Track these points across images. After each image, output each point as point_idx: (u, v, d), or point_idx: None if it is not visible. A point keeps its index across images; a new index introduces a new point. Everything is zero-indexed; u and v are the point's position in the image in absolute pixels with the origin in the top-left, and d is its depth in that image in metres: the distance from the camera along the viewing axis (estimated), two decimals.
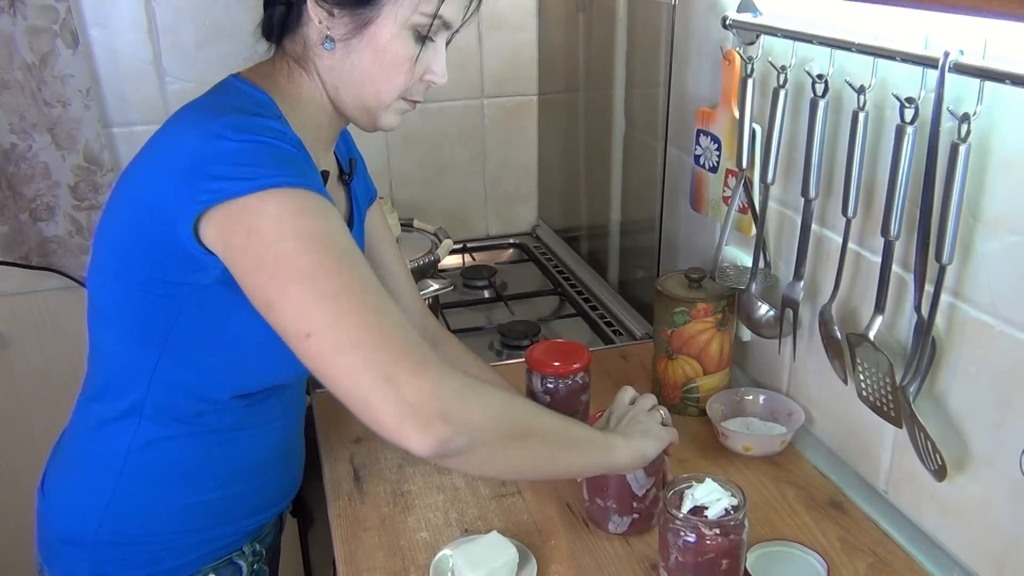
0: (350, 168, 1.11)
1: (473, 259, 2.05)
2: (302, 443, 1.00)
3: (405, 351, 0.76)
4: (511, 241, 2.16)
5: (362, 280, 0.80)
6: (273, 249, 0.78)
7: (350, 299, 0.77)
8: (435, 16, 0.89)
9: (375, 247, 1.19)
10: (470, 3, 0.93)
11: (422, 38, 0.91)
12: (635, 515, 1.03)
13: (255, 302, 0.80)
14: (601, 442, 0.95)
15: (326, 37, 0.90)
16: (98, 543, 0.98)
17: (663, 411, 1.06)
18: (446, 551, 0.99)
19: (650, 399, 1.08)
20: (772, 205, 1.20)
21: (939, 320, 0.92)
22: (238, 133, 0.81)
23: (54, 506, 1.02)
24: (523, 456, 0.86)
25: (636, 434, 0.99)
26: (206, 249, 0.83)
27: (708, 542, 0.88)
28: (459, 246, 2.03)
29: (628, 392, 1.09)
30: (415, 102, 0.97)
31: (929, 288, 0.89)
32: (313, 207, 0.81)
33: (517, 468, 0.90)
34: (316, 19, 0.90)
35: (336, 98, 0.95)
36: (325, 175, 0.98)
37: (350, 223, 1.10)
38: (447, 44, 0.96)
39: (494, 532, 0.99)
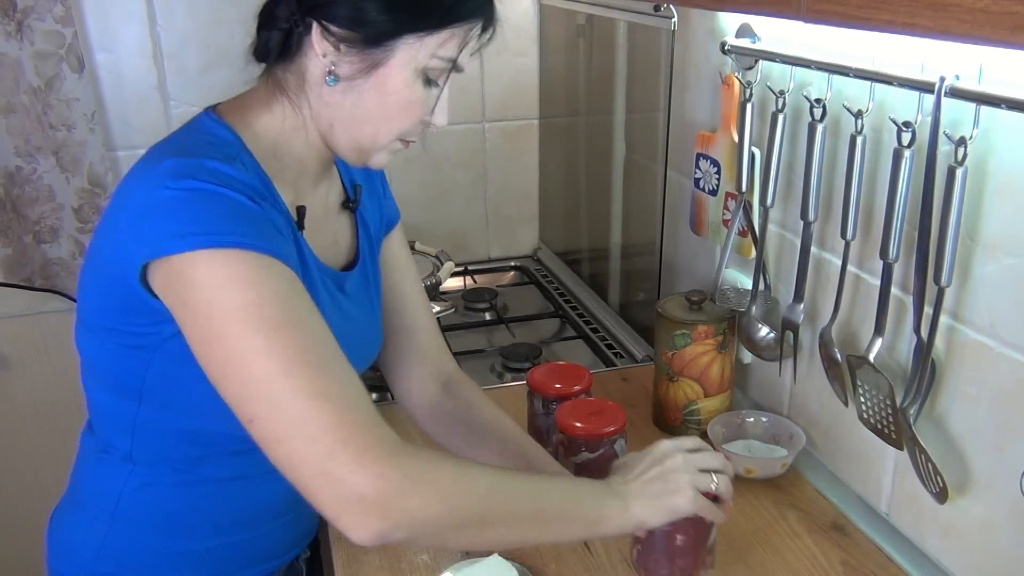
0: (355, 195, 1.04)
1: (474, 282, 2.05)
2: None
3: (343, 441, 0.73)
4: (512, 264, 2.17)
5: (301, 353, 0.75)
6: (206, 328, 0.76)
7: (284, 383, 0.74)
8: (454, 61, 0.85)
9: (391, 278, 1.11)
10: (480, 45, 0.90)
11: (430, 82, 0.86)
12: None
13: (208, 377, 0.78)
14: (589, 511, 0.85)
15: (329, 73, 0.84)
16: None
17: (718, 477, 0.90)
18: (447, 574, 0.99)
19: (709, 459, 0.91)
20: (772, 228, 1.21)
21: (939, 342, 0.93)
22: (175, 180, 0.77)
23: (53, 537, 1.01)
24: (482, 539, 0.83)
25: (644, 496, 0.87)
26: (161, 300, 0.80)
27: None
28: (460, 269, 2.03)
29: (684, 441, 0.93)
30: (409, 142, 0.92)
31: (928, 310, 0.90)
32: (243, 274, 0.76)
33: (478, 547, 0.89)
34: (320, 52, 0.84)
35: (328, 133, 0.90)
36: (301, 211, 0.92)
37: (356, 254, 1.04)
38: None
39: (495, 555, 0.99)
